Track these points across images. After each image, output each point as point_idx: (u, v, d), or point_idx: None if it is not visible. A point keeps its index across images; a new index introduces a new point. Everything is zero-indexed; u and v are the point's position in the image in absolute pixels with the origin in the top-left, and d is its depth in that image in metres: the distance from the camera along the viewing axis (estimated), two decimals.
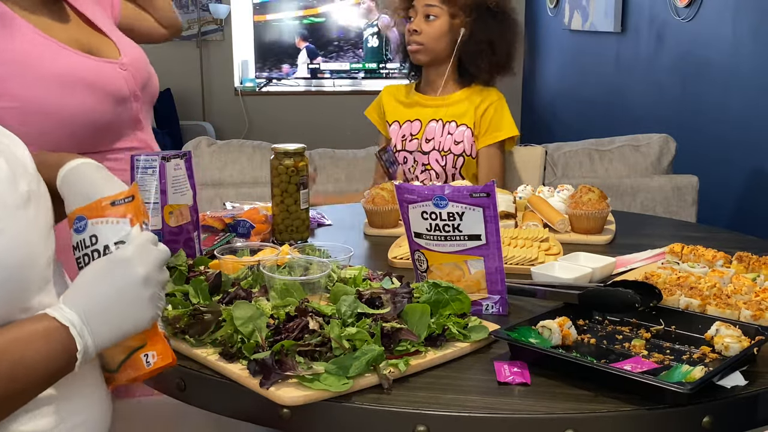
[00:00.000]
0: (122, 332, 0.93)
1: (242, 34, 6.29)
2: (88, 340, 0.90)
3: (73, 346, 0.89)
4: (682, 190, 3.11)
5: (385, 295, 1.19)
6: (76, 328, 0.89)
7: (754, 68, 3.27)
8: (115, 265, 0.93)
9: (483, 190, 1.27)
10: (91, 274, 0.94)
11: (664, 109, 4.08)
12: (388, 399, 1.03)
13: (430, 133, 2.36)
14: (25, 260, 0.89)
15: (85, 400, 0.99)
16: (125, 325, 0.93)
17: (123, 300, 0.92)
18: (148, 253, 0.94)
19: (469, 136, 2.33)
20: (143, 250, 0.94)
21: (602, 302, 1.28)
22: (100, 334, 0.91)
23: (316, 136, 5.44)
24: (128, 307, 0.92)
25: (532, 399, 1.04)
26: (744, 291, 1.34)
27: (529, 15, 6.20)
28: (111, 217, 0.97)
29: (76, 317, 0.89)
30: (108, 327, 0.91)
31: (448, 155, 2.33)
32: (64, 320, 0.88)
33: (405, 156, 2.38)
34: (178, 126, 5.80)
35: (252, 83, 6.30)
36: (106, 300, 0.91)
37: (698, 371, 1.05)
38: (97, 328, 0.90)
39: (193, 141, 3.15)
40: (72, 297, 0.91)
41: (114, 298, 0.91)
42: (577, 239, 1.81)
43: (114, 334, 0.92)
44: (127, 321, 0.93)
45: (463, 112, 2.35)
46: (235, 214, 1.75)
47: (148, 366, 0.97)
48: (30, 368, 0.86)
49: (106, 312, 0.91)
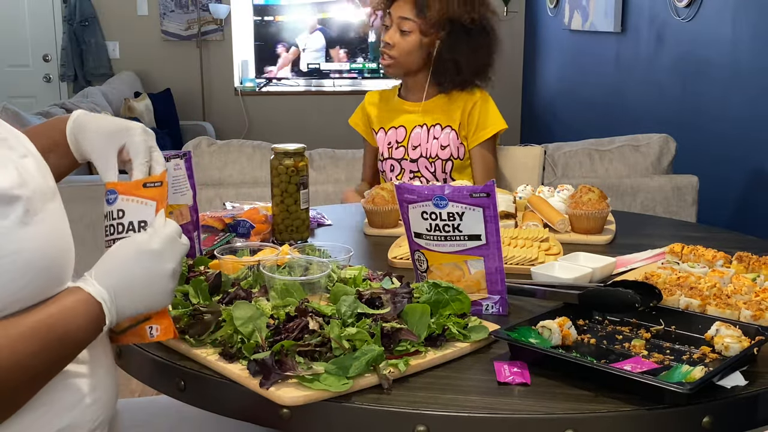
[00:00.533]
0: (139, 311, 1.01)
1: (242, 34, 6.29)
2: (114, 315, 0.97)
3: (102, 321, 0.96)
4: (682, 190, 3.12)
5: (385, 295, 1.19)
6: (107, 305, 0.96)
7: (754, 68, 3.27)
8: (148, 256, 0.99)
9: (483, 190, 1.27)
10: (122, 257, 1.00)
11: (664, 109, 4.08)
12: (388, 399, 1.03)
13: (415, 139, 2.34)
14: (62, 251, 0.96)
15: (101, 379, 1.04)
16: (144, 307, 1.01)
17: (150, 288, 0.99)
18: (176, 248, 1.01)
19: (454, 138, 2.31)
20: (172, 244, 1.01)
21: (602, 302, 1.28)
22: (122, 312, 0.99)
23: (316, 136, 5.45)
24: (153, 294, 1.00)
25: (532, 399, 1.04)
26: (744, 291, 1.34)
27: (529, 15, 6.20)
28: (140, 197, 1.05)
29: (107, 295, 0.96)
30: (130, 306, 0.99)
31: (436, 161, 2.32)
32: (98, 296, 0.95)
33: (392, 164, 2.36)
34: (178, 126, 5.80)
35: (252, 83, 6.30)
36: (135, 284, 0.99)
37: (698, 371, 1.05)
38: (121, 306, 0.98)
39: (193, 141, 3.16)
40: (103, 274, 0.98)
41: (142, 284, 0.99)
42: (577, 239, 1.81)
43: (133, 312, 1.00)
44: (148, 304, 1.01)
45: (447, 114, 2.33)
46: (235, 214, 1.75)
47: (152, 337, 1.04)
48: (72, 340, 0.94)
49: (131, 294, 0.98)
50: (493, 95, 2.42)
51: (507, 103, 5.79)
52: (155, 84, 5.93)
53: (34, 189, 0.93)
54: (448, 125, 2.32)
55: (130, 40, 5.94)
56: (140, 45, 5.91)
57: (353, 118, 2.49)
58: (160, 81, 5.94)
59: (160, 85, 5.88)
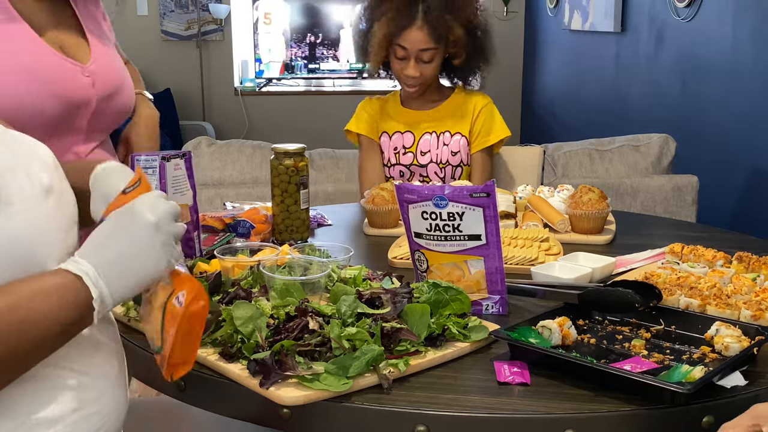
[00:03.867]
0: (139, 280, 0.94)
1: (242, 34, 6.29)
2: (104, 289, 0.91)
3: (88, 296, 0.90)
4: (682, 190, 3.12)
5: (385, 295, 1.19)
6: (90, 277, 0.90)
7: (754, 68, 3.27)
8: (125, 216, 0.95)
9: (483, 190, 1.27)
10: (103, 229, 0.95)
11: (664, 109, 4.08)
12: (388, 399, 1.03)
13: (425, 146, 2.33)
14: (37, 242, 0.91)
15: (102, 391, 1.00)
16: (141, 273, 0.94)
17: (136, 246, 0.93)
18: (158, 204, 0.96)
19: (464, 144, 2.31)
20: (153, 201, 0.96)
21: (602, 302, 1.28)
22: (117, 284, 0.92)
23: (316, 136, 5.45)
24: (141, 252, 0.93)
25: (532, 399, 1.04)
26: (744, 291, 1.34)
27: (529, 15, 6.20)
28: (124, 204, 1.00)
29: (90, 267, 0.90)
30: (124, 276, 0.93)
31: (447, 167, 2.31)
32: (77, 270, 0.90)
33: (401, 170, 2.33)
34: (178, 126, 5.79)
35: (252, 83, 6.30)
36: (119, 248, 0.93)
37: (698, 371, 1.05)
38: (113, 278, 0.92)
39: (193, 141, 3.16)
40: (85, 249, 0.93)
41: (126, 244, 0.93)
42: (577, 239, 1.81)
43: (131, 282, 0.93)
44: (143, 268, 0.94)
45: (456, 121, 2.33)
46: (235, 214, 1.75)
47: (180, 306, 0.94)
48: (40, 322, 0.87)
49: (119, 260, 0.92)
50: (493, 95, 2.42)
51: (507, 103, 5.79)
52: (155, 84, 5.92)
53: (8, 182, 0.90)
54: (458, 132, 2.32)
55: (130, 39, 5.93)
56: (140, 45, 5.90)
57: (356, 125, 2.38)
58: (159, 81, 5.93)
59: (160, 85, 5.88)
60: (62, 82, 1.52)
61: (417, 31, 2.19)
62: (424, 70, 2.24)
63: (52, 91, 1.51)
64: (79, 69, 1.57)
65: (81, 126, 1.59)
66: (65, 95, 1.53)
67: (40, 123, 1.49)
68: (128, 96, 1.71)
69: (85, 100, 1.57)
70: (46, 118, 1.51)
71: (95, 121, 1.62)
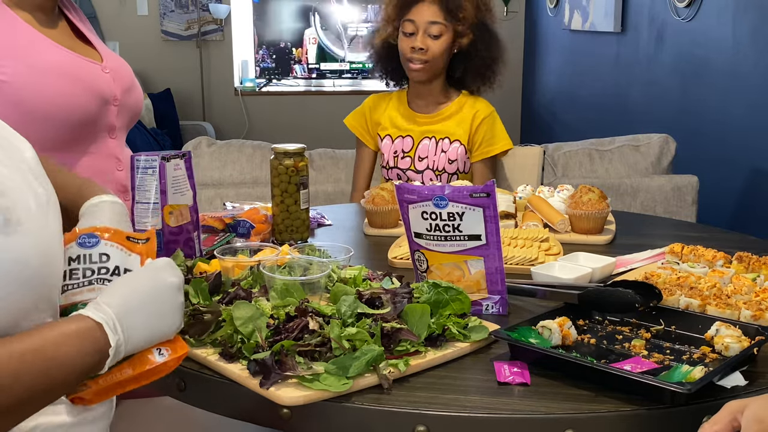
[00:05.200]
0: (155, 334, 0.94)
1: (242, 34, 6.29)
2: (121, 336, 0.90)
3: (106, 343, 0.89)
4: (682, 190, 3.12)
5: (385, 295, 1.19)
6: (109, 326, 0.89)
7: (754, 68, 3.27)
8: (153, 272, 0.96)
9: (483, 190, 1.27)
10: (128, 278, 0.97)
11: (664, 109, 4.08)
12: (388, 399, 1.03)
13: (423, 151, 2.33)
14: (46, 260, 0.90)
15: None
16: (158, 328, 0.94)
17: (159, 301, 0.94)
18: (176, 269, 0.98)
19: (462, 153, 2.31)
20: (173, 265, 0.98)
21: (602, 302, 1.28)
22: (135, 333, 0.92)
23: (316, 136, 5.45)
24: (163, 308, 0.94)
25: (532, 399, 1.04)
26: (744, 291, 1.34)
27: (529, 15, 6.20)
28: (125, 248, 1.01)
29: (111, 314, 0.90)
30: (142, 327, 0.92)
31: (443, 174, 2.31)
32: (97, 317, 0.89)
33: (398, 173, 2.35)
34: (178, 126, 5.79)
35: (252, 83, 6.30)
36: (143, 299, 0.93)
37: (698, 371, 1.05)
38: (132, 327, 0.91)
39: (193, 141, 3.15)
40: (108, 295, 0.93)
41: (151, 298, 0.94)
42: (577, 239, 1.81)
43: (147, 335, 0.93)
44: (161, 324, 0.94)
45: (456, 128, 2.32)
46: (235, 214, 1.75)
47: (162, 358, 0.95)
48: (63, 366, 0.87)
49: (141, 311, 0.92)
50: (493, 96, 2.41)
51: (507, 102, 5.79)
52: (155, 84, 5.92)
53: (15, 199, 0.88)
54: (456, 139, 2.32)
55: (130, 39, 5.93)
56: (140, 45, 5.90)
57: (351, 120, 2.45)
58: (160, 81, 5.93)
59: (160, 85, 5.88)
60: (91, 80, 1.63)
61: (427, 5, 2.24)
62: (432, 46, 2.24)
63: (84, 87, 1.61)
64: (99, 66, 1.68)
65: (111, 122, 1.70)
66: (96, 90, 1.64)
67: (78, 120, 1.60)
68: (140, 92, 1.83)
69: (112, 95, 1.68)
70: (83, 114, 1.61)
71: (120, 116, 1.72)
